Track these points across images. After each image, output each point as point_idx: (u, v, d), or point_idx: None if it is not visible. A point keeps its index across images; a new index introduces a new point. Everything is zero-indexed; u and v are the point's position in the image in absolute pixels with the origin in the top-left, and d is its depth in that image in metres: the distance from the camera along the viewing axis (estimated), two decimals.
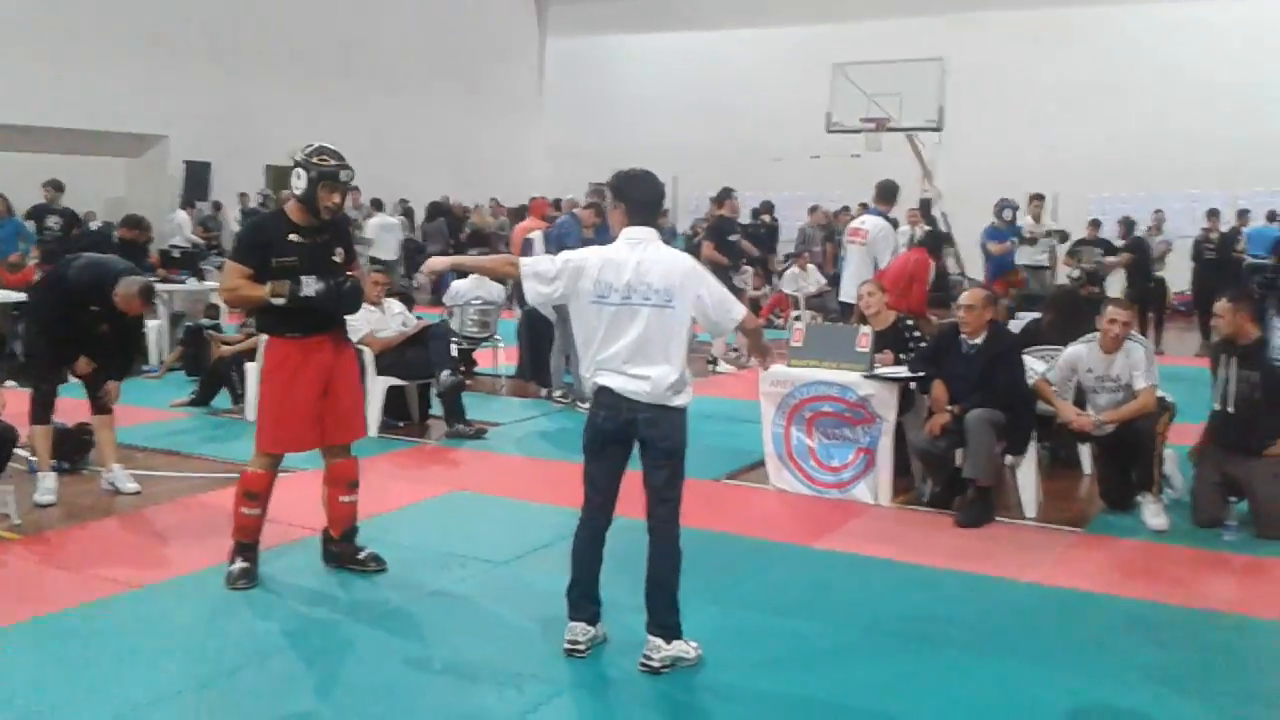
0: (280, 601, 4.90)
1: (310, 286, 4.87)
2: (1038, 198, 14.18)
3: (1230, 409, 6.14)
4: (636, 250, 4.14)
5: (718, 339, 12.09)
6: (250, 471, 5.08)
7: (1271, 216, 16.02)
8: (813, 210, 18.73)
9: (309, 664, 4.30)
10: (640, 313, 4.08)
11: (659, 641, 4.16)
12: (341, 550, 5.27)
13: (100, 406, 6.62)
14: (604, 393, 4.16)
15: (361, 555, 5.26)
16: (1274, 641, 4.61)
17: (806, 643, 4.53)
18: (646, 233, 4.20)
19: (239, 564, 5.05)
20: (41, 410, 6.48)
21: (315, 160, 4.89)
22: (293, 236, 4.93)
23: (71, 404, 6.80)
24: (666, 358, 4.08)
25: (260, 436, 5.10)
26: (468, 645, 4.47)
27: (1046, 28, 20.11)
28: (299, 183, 4.91)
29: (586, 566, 4.30)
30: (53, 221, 13.17)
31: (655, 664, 4.14)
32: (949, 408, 6.34)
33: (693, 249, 18.03)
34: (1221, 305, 6.29)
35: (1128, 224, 14.79)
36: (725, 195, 12.90)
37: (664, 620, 4.18)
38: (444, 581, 5.17)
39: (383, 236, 16.73)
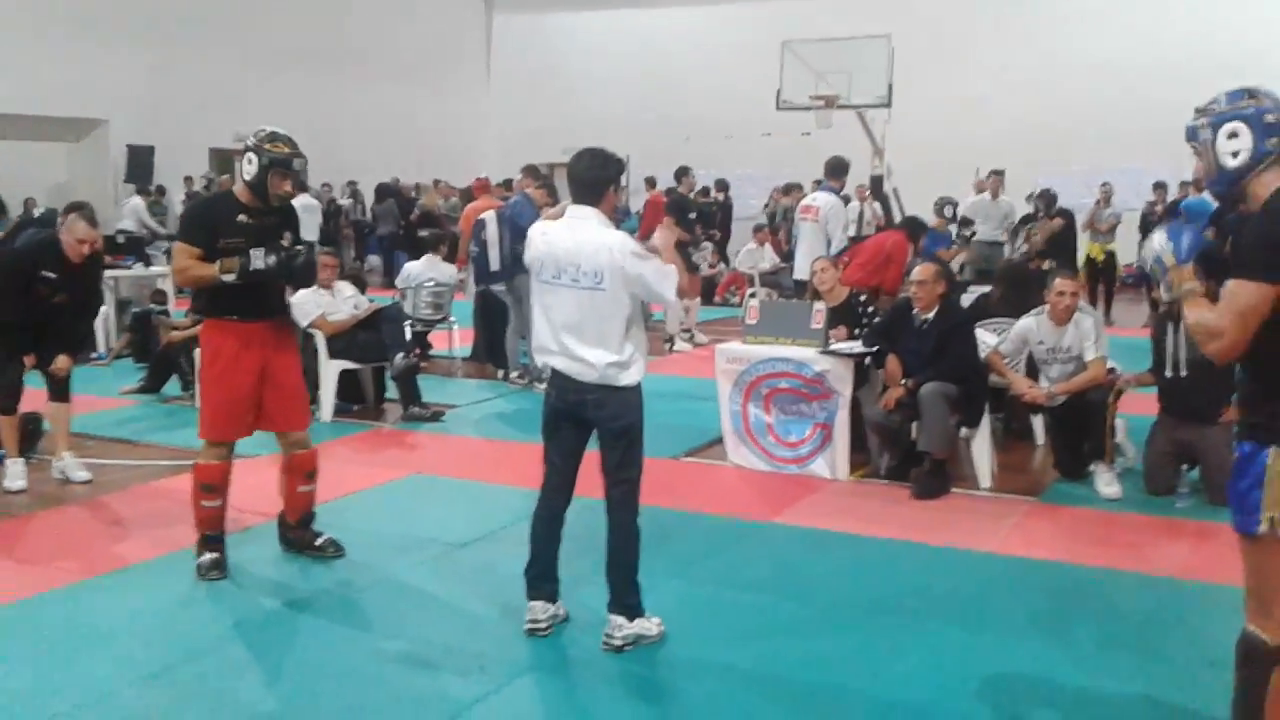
0: (238, 589, 4.85)
1: (260, 259, 4.76)
2: (997, 173, 14.09)
3: (1182, 372, 6.22)
4: (573, 230, 4.11)
5: (670, 312, 12.11)
6: (202, 463, 4.99)
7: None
8: (788, 190, 18.67)
9: (268, 650, 4.25)
10: (573, 295, 4.05)
11: (621, 620, 4.17)
12: (299, 537, 5.22)
13: (57, 393, 6.50)
14: (554, 374, 4.19)
15: (319, 541, 5.21)
16: (1226, 605, 4.68)
17: (769, 617, 4.56)
18: (585, 212, 4.13)
19: (208, 555, 4.96)
20: (6, 399, 6.37)
21: (268, 146, 4.80)
22: (240, 218, 4.84)
23: (30, 393, 6.65)
24: (602, 339, 4.04)
25: (201, 425, 5.00)
26: (429, 628, 4.44)
27: (992, 3, 20.24)
28: (249, 167, 4.82)
29: (545, 545, 4.30)
30: None
31: (617, 642, 4.14)
32: (903, 382, 6.39)
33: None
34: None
35: (1048, 197, 14.80)
36: (682, 173, 12.96)
37: (625, 599, 4.19)
38: (403, 565, 5.14)
39: (303, 217, 16.71)
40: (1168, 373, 6.28)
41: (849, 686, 3.92)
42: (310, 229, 16.81)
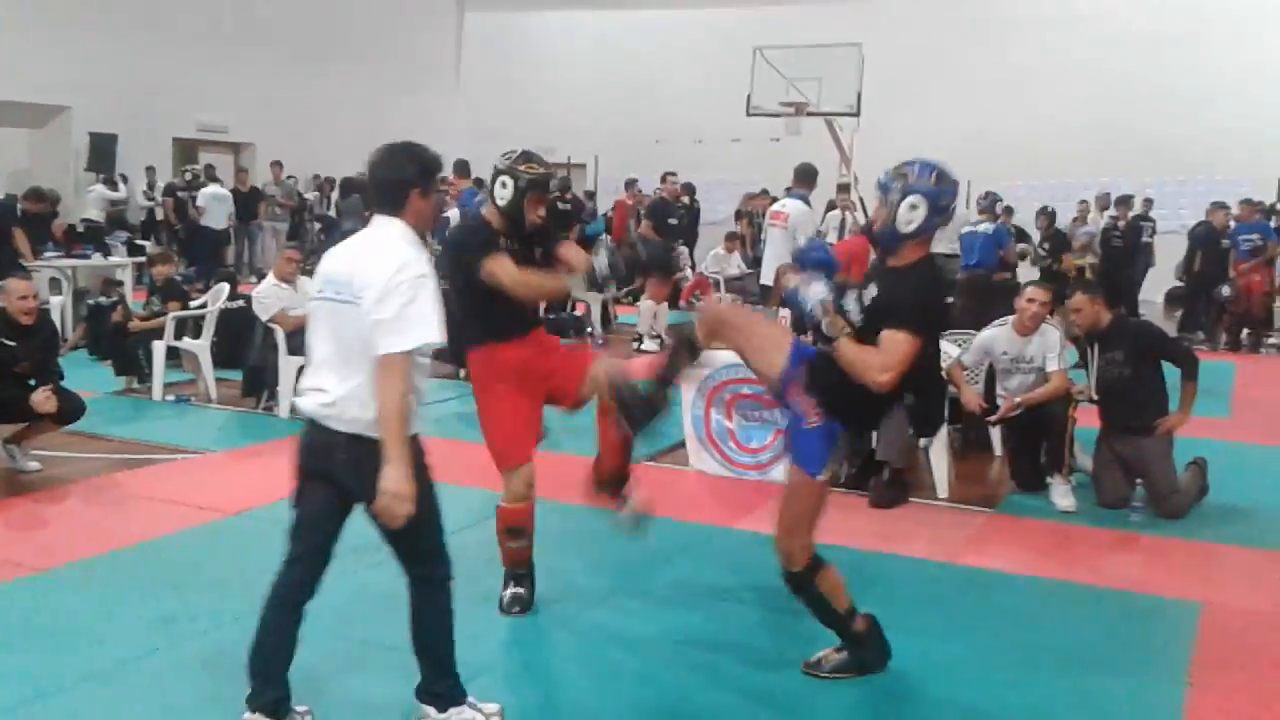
0: (182, 588, 4.77)
1: (603, 266, 4.43)
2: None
3: (1099, 395, 6.40)
4: (366, 241, 3.38)
5: (642, 313, 12.20)
6: (506, 507, 4.55)
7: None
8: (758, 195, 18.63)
9: (214, 649, 4.20)
10: (333, 311, 3.29)
11: (430, 711, 3.53)
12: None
13: (59, 420, 6.39)
14: (306, 422, 3.40)
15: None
16: (1177, 619, 4.74)
17: (727, 622, 4.56)
18: (386, 225, 3.37)
19: (512, 590, 4.65)
20: None
21: (523, 168, 4.40)
22: (503, 241, 4.45)
23: None
24: (361, 373, 3.22)
25: (501, 458, 4.54)
26: (380, 630, 4.40)
27: (963, 16, 20.41)
28: (504, 191, 4.41)
29: (274, 642, 3.41)
30: None
31: None
32: None
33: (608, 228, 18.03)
34: (1078, 299, 6.43)
35: (1050, 215, 15.11)
36: (665, 177, 13.02)
37: (434, 686, 3.52)
38: (361, 565, 5.06)
39: (214, 206, 16.95)
40: (1095, 396, 6.40)
41: (802, 694, 3.93)
42: (219, 218, 16.94)
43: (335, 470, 3.31)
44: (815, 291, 3.73)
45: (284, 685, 3.39)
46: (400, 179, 3.39)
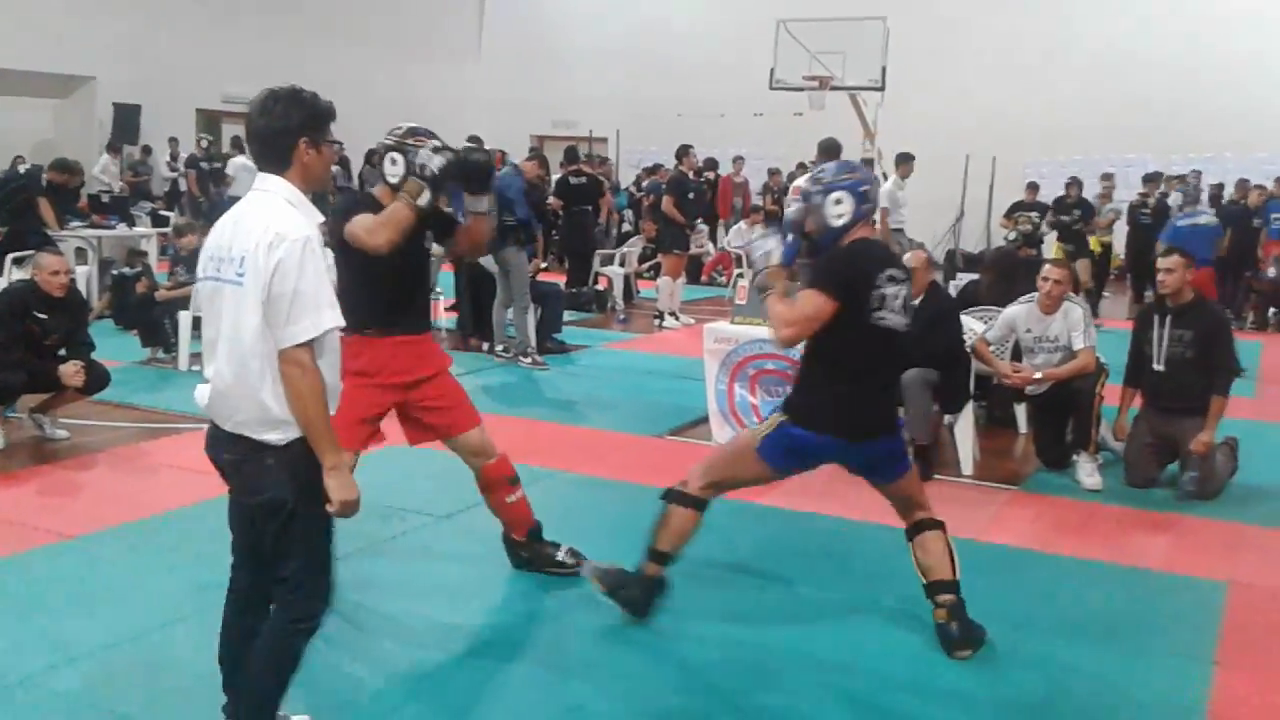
0: (209, 556, 4.80)
1: (429, 157, 4.12)
2: (906, 158, 13.08)
3: (1160, 367, 6.27)
4: (250, 206, 2.96)
5: (661, 290, 12.16)
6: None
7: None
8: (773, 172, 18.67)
9: None
10: (222, 292, 2.89)
11: None
12: (534, 553, 4.74)
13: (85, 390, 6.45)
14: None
15: (559, 555, 4.72)
16: (1203, 597, 4.73)
17: (749, 597, 4.57)
18: (268, 182, 2.97)
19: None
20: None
21: (412, 142, 4.22)
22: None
23: None
24: (242, 365, 2.84)
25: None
26: (410, 600, 4.44)
27: None
28: (394, 168, 4.18)
29: (229, 665, 3.19)
30: None
31: None
32: None
33: (635, 205, 18.02)
34: (1175, 259, 6.30)
35: (1079, 185, 14.94)
36: (683, 152, 12.90)
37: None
38: (384, 534, 5.12)
39: (243, 176, 16.84)
40: (1156, 365, 6.30)
41: (829, 665, 3.94)
42: (247, 187, 16.89)
43: (223, 467, 2.99)
44: (767, 246, 4.04)
45: None
46: (283, 128, 2.92)
